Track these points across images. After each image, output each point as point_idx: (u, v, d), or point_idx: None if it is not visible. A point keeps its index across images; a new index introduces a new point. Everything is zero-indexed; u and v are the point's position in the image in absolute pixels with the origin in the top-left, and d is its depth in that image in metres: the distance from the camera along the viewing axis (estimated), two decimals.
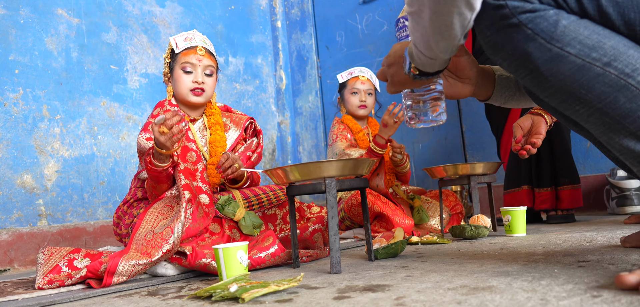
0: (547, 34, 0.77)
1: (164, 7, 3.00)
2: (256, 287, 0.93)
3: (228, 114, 1.88)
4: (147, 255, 1.30)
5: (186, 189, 1.48)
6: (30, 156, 2.33)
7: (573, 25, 0.77)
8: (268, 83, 3.66)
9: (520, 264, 1.03)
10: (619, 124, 0.76)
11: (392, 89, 1.05)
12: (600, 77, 0.75)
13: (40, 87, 2.40)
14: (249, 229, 1.58)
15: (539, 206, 2.12)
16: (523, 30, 0.78)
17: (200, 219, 1.48)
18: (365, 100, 2.40)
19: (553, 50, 0.77)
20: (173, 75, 1.74)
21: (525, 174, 2.14)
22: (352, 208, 2.19)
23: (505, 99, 1.16)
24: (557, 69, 0.78)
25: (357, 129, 2.40)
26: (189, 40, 1.73)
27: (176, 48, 1.72)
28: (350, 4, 3.43)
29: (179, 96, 1.74)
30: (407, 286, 0.90)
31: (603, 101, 0.76)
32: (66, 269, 1.34)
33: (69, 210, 2.42)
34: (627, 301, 0.64)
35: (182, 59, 1.71)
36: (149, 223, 1.43)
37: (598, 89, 0.76)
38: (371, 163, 1.30)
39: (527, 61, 0.80)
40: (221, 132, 1.77)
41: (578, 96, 0.78)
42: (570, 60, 0.76)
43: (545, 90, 0.82)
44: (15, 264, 2.18)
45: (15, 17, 2.35)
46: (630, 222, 1.69)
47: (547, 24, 0.77)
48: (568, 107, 0.81)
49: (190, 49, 1.71)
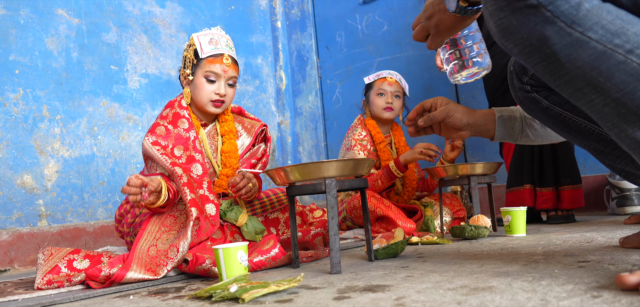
0: (568, 17, 0.73)
1: (164, 7, 3.00)
2: (256, 287, 0.93)
3: (240, 118, 1.80)
4: (152, 272, 1.29)
5: (193, 206, 1.41)
6: (30, 156, 2.33)
7: (596, 8, 0.72)
8: (268, 83, 3.66)
9: (521, 264, 1.03)
10: (636, 115, 0.73)
11: (438, 39, 1.05)
12: (621, 65, 0.71)
13: (41, 87, 2.40)
14: (251, 235, 1.57)
15: (541, 206, 2.12)
16: (542, 12, 0.74)
17: (205, 233, 1.45)
18: (392, 102, 2.30)
19: (574, 35, 0.73)
20: (194, 80, 1.64)
21: (527, 173, 2.15)
22: (353, 209, 2.18)
23: (512, 138, 1.22)
24: (576, 55, 0.73)
25: (379, 138, 2.30)
26: (214, 43, 1.63)
27: (201, 52, 1.62)
28: (350, 4, 3.43)
29: (197, 103, 1.66)
30: (407, 286, 0.90)
31: (622, 91, 0.72)
32: (65, 269, 1.34)
33: (69, 210, 2.42)
34: (628, 301, 0.64)
35: (206, 66, 1.61)
36: (151, 235, 1.41)
37: (618, 77, 0.72)
38: (371, 164, 1.30)
39: (544, 46, 0.75)
40: (234, 142, 1.69)
41: (596, 84, 0.74)
42: (592, 46, 0.72)
43: (559, 78, 0.78)
44: (16, 264, 2.18)
45: (16, 17, 2.35)
46: (630, 222, 1.69)
47: (569, 6, 0.72)
48: (582, 96, 0.77)
49: (217, 56, 1.62)
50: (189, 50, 1.66)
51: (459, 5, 0.97)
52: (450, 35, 1.05)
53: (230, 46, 1.69)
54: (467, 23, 1.03)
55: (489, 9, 0.80)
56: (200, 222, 1.43)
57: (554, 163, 2.12)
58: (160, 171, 1.53)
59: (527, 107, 1.07)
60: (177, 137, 1.59)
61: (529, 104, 1.06)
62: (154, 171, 1.55)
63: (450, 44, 1.08)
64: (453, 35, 1.06)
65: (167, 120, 1.62)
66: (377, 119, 2.37)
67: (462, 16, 1.00)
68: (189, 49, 1.67)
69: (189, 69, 1.66)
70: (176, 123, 1.62)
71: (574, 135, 1.04)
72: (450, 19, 1.01)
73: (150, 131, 1.59)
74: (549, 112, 1.04)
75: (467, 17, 1.00)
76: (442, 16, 1.01)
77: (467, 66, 1.06)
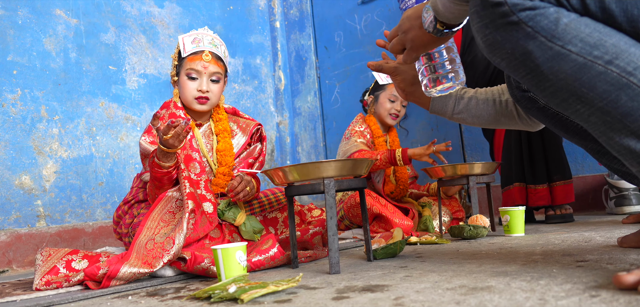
0: (547, 32, 0.76)
1: (162, 8, 2.99)
2: (255, 287, 0.93)
3: (235, 118, 1.83)
4: (149, 265, 1.29)
5: (190, 199, 1.44)
6: (28, 157, 2.32)
7: (574, 23, 0.76)
8: (267, 83, 3.66)
9: (519, 264, 1.03)
10: (620, 123, 0.75)
11: (413, 55, 1.06)
12: (602, 75, 0.74)
13: (39, 87, 2.40)
14: (249, 235, 1.58)
15: (535, 203, 2.11)
16: (523, 28, 0.77)
17: (202, 228, 1.46)
18: (400, 111, 2.38)
19: (554, 49, 0.76)
20: (179, 80, 1.69)
21: (516, 172, 2.14)
22: (351, 209, 2.19)
23: (445, 114, 1.24)
24: (558, 67, 0.77)
25: (378, 133, 2.36)
26: (196, 42, 1.67)
27: (183, 51, 1.66)
28: (349, 4, 3.43)
29: (185, 102, 1.71)
30: (405, 286, 0.90)
31: (605, 100, 0.75)
32: (64, 270, 1.34)
33: (68, 211, 2.41)
34: (626, 300, 0.65)
35: (188, 64, 1.66)
36: (149, 230, 1.41)
37: (600, 87, 0.75)
38: (370, 163, 1.30)
39: (527, 60, 0.79)
40: (229, 140, 1.72)
41: (579, 95, 0.77)
42: (572, 58, 0.76)
43: (545, 90, 0.81)
44: (14, 265, 2.18)
45: (14, 18, 2.35)
46: (628, 222, 1.69)
47: (548, 21, 0.76)
48: (568, 106, 0.80)
49: (197, 54, 1.66)
50: (175, 52, 1.73)
51: (436, 27, 0.99)
52: (426, 51, 1.07)
53: (216, 44, 1.71)
54: (444, 41, 1.04)
55: (475, 25, 0.84)
56: (196, 215, 1.45)
57: (545, 159, 2.11)
58: None
59: (525, 106, 1.07)
60: None
61: (525, 103, 1.06)
62: None
63: (426, 59, 1.10)
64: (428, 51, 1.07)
65: (163, 120, 1.63)
66: (379, 118, 2.41)
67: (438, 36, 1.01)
68: (175, 51, 1.73)
69: (173, 69, 1.72)
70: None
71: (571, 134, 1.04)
72: (426, 36, 1.02)
73: (146, 131, 1.61)
74: (545, 112, 1.04)
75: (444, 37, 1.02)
76: (418, 32, 1.03)
77: (441, 82, 1.09)
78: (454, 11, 0.93)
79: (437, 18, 0.97)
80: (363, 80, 3.33)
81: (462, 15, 0.95)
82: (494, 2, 0.79)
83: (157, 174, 1.49)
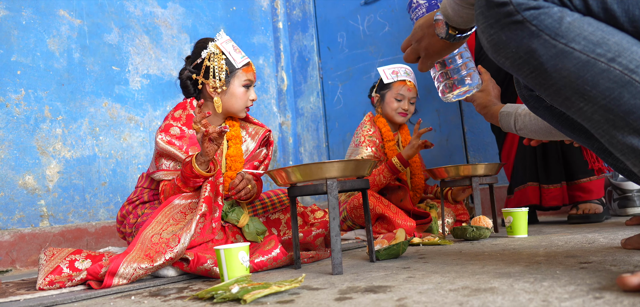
0: (551, 30, 0.77)
1: (165, 8, 3.00)
2: (258, 288, 0.93)
3: (244, 123, 1.83)
4: (150, 259, 1.29)
5: (206, 202, 1.45)
6: (32, 157, 2.33)
7: (577, 21, 0.77)
8: (269, 84, 3.66)
9: (522, 265, 1.03)
10: (623, 120, 0.76)
11: (428, 62, 1.09)
12: (604, 73, 0.75)
13: (42, 88, 2.40)
14: (252, 236, 1.58)
15: (548, 203, 2.09)
16: (527, 27, 0.78)
17: (209, 235, 1.46)
18: (408, 108, 2.31)
19: (558, 47, 0.77)
20: (229, 88, 1.69)
21: (530, 171, 2.13)
22: (354, 209, 2.18)
23: (511, 129, 1.37)
24: (562, 65, 0.78)
25: (389, 136, 2.31)
26: (238, 51, 1.72)
27: (234, 62, 1.69)
28: (351, 5, 3.43)
29: (231, 109, 1.71)
30: (408, 287, 0.90)
31: (608, 97, 0.76)
32: (67, 270, 1.35)
33: (71, 211, 2.42)
34: (630, 302, 0.64)
35: (243, 74, 1.70)
36: (158, 224, 1.41)
37: (603, 85, 0.76)
38: (373, 165, 1.30)
39: (531, 58, 0.80)
40: (239, 147, 1.73)
41: (582, 93, 0.78)
42: (575, 56, 0.76)
43: (548, 88, 0.82)
44: (17, 265, 2.19)
45: (18, 18, 2.36)
46: (632, 223, 1.69)
47: (552, 20, 0.77)
48: (572, 105, 0.81)
49: (249, 65, 1.72)
50: (216, 59, 1.68)
51: (448, 33, 1.01)
52: (440, 57, 1.09)
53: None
54: (457, 46, 1.07)
55: (480, 26, 0.85)
56: (206, 220, 1.45)
57: (562, 159, 2.09)
58: (173, 167, 1.57)
59: (532, 106, 1.08)
60: (191, 138, 1.62)
61: (533, 102, 1.07)
62: (167, 168, 1.58)
63: (440, 65, 1.13)
64: (443, 57, 1.09)
65: (180, 121, 1.63)
66: (388, 118, 2.37)
67: (452, 42, 1.03)
68: (214, 58, 1.68)
69: (220, 79, 1.68)
70: (190, 125, 1.64)
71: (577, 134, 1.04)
72: (439, 43, 1.05)
73: (164, 130, 1.60)
74: (552, 111, 1.05)
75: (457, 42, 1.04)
76: (431, 40, 1.05)
77: (457, 87, 1.11)
78: (463, 15, 0.95)
79: (448, 24, 0.99)
80: (366, 80, 3.33)
81: (471, 19, 0.96)
82: (499, 2, 0.80)
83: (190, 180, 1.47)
